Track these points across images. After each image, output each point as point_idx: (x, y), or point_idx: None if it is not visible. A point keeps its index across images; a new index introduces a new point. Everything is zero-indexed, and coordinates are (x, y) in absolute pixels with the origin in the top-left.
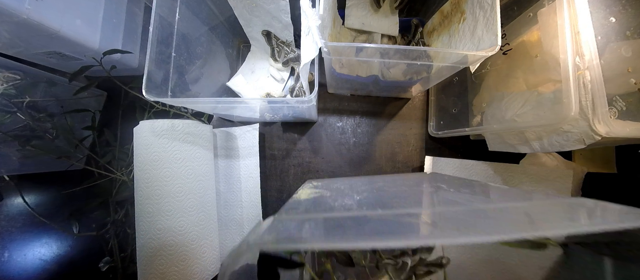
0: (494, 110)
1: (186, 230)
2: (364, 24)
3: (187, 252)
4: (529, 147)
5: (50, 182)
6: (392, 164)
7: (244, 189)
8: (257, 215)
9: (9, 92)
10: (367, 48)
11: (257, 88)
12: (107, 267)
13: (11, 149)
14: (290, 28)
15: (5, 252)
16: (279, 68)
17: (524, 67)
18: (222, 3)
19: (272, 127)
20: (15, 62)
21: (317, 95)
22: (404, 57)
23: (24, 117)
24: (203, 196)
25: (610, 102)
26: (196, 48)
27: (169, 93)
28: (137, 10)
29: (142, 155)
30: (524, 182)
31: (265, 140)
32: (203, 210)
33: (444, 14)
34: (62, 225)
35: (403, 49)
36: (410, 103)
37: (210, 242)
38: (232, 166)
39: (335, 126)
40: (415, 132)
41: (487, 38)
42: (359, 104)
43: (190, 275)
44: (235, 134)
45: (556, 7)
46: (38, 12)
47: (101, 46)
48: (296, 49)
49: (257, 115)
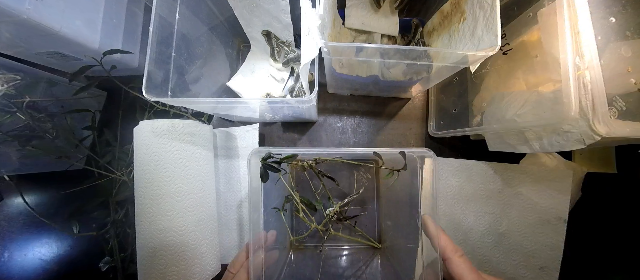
0: (494, 110)
1: (186, 231)
2: (364, 24)
3: (187, 252)
4: (529, 147)
5: (50, 182)
6: None
7: (244, 189)
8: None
9: (9, 92)
10: (367, 48)
11: (257, 88)
12: (107, 267)
13: (11, 149)
14: (290, 28)
15: (6, 252)
16: (279, 68)
17: (524, 67)
18: (222, 3)
19: (272, 127)
20: (15, 62)
21: (317, 95)
22: (403, 57)
23: (24, 117)
24: (203, 196)
25: (610, 102)
26: (196, 48)
27: (169, 93)
28: (137, 11)
29: (142, 155)
30: (524, 182)
31: (265, 140)
32: (203, 210)
33: (444, 14)
34: (62, 225)
35: (403, 49)
36: (410, 103)
37: (210, 242)
38: (232, 166)
39: (335, 126)
40: (415, 132)
41: (487, 38)
42: (358, 104)
43: (190, 275)
44: (235, 134)
45: (556, 7)
46: (38, 12)
47: (101, 46)
48: (296, 49)
49: (257, 115)
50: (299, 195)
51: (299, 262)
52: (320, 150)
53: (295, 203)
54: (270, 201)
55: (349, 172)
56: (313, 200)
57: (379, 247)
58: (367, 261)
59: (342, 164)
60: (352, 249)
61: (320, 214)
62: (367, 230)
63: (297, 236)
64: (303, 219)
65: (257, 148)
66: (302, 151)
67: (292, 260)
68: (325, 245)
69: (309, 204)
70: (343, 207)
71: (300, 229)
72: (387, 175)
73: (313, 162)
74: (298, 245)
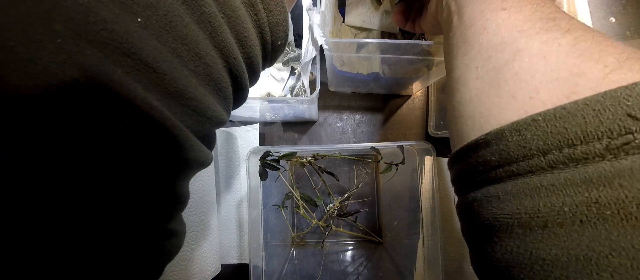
0: None
1: (186, 230)
2: (364, 21)
3: (187, 252)
4: None
5: None
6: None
7: (245, 189)
8: (258, 215)
9: None
10: (367, 44)
11: (257, 88)
12: None
13: None
14: (291, 28)
15: None
16: (279, 68)
17: None
18: None
19: (272, 126)
20: None
21: (318, 94)
22: (404, 52)
23: None
24: (203, 196)
25: None
26: None
27: None
28: None
29: None
30: None
31: (265, 140)
32: (203, 211)
33: None
34: None
35: (403, 44)
36: (410, 103)
37: (210, 242)
38: (232, 166)
39: (335, 126)
40: (415, 132)
41: None
42: (359, 103)
43: (190, 275)
44: (236, 134)
45: None
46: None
47: None
48: (296, 49)
49: (257, 115)
50: (299, 192)
51: (300, 258)
52: (319, 147)
53: (295, 200)
54: (271, 199)
55: (348, 168)
56: (313, 196)
57: (380, 242)
58: (369, 256)
59: (341, 160)
60: (353, 244)
61: (321, 210)
62: (368, 226)
63: (298, 232)
64: (304, 215)
65: (255, 147)
66: (301, 149)
67: (294, 256)
68: (326, 241)
69: (309, 200)
70: (343, 203)
71: (301, 225)
72: (386, 170)
73: (312, 158)
74: (299, 241)
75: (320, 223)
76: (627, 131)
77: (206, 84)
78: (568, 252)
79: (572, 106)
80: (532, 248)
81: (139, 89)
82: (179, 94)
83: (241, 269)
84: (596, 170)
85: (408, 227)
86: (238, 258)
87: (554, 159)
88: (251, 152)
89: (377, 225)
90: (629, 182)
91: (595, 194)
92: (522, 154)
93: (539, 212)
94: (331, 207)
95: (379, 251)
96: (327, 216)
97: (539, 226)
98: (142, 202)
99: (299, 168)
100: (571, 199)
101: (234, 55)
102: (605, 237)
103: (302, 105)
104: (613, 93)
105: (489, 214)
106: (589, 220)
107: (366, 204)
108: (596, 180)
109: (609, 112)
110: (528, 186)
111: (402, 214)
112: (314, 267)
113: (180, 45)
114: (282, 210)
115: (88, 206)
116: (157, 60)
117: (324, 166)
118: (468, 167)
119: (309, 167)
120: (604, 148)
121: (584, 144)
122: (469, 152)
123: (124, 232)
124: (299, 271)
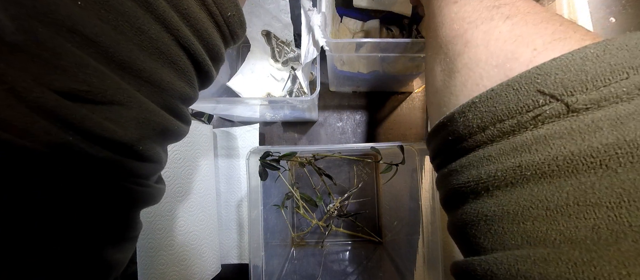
0: None
1: (186, 231)
2: (374, 1)
3: (187, 252)
4: None
5: None
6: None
7: (245, 189)
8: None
9: None
10: (366, 43)
11: (257, 88)
12: None
13: None
14: (290, 28)
15: None
16: (279, 68)
17: None
18: None
19: (272, 127)
20: None
21: (318, 94)
22: (403, 51)
23: None
24: (203, 196)
25: None
26: None
27: None
28: None
29: None
30: None
31: (265, 140)
32: (203, 211)
33: None
34: None
35: (403, 42)
36: (410, 103)
37: (210, 243)
38: (232, 166)
39: (335, 126)
40: (415, 132)
41: None
42: (359, 103)
43: (190, 275)
44: (236, 134)
45: (556, 7)
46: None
47: None
48: (296, 49)
49: (257, 115)
50: (299, 192)
51: (300, 258)
52: (319, 147)
53: (295, 200)
54: (271, 199)
55: (349, 168)
56: (313, 196)
57: (379, 242)
58: (369, 256)
59: (342, 160)
60: (353, 244)
61: (321, 210)
62: (368, 226)
63: (298, 232)
64: (304, 215)
65: (255, 147)
66: (301, 149)
67: (294, 256)
68: (326, 241)
69: (309, 200)
70: (343, 202)
71: (301, 225)
72: (386, 170)
73: (312, 158)
74: (299, 241)
75: (320, 223)
76: (538, 105)
77: (157, 57)
78: (502, 209)
79: (498, 87)
80: (479, 208)
81: (91, 61)
82: (126, 65)
83: (241, 269)
84: (521, 140)
85: (408, 227)
86: (238, 258)
87: (491, 133)
88: (251, 152)
89: (377, 225)
90: (542, 147)
91: (519, 159)
92: (467, 131)
93: (481, 179)
94: (331, 207)
95: (378, 251)
96: (327, 216)
97: (484, 190)
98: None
99: (298, 168)
100: (503, 166)
101: (177, 27)
102: (528, 194)
103: (302, 105)
104: (527, 73)
105: (451, 186)
106: (515, 181)
107: (366, 204)
108: (520, 148)
109: (524, 89)
110: (475, 158)
111: (402, 213)
112: (314, 267)
113: (122, 22)
114: (282, 210)
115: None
116: (98, 34)
117: (323, 166)
118: (436, 146)
119: (309, 167)
120: (525, 121)
121: (510, 118)
122: (434, 135)
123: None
124: (299, 271)
